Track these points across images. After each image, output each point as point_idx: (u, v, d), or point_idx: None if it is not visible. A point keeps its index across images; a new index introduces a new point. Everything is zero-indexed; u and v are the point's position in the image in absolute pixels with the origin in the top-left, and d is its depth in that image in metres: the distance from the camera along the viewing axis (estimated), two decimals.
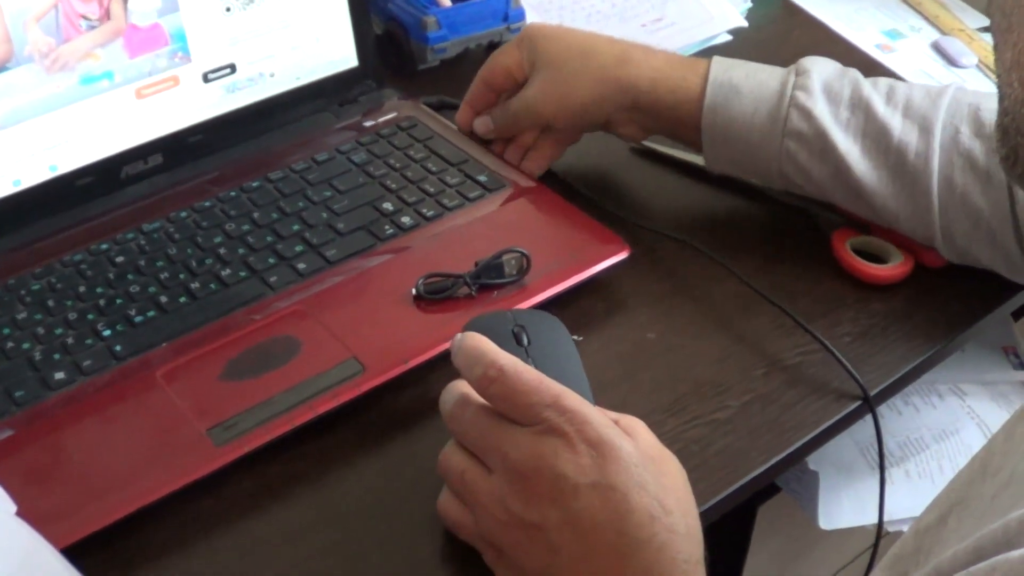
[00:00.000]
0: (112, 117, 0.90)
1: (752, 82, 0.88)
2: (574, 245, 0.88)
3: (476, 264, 0.82)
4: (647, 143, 1.01)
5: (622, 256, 0.86)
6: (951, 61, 1.18)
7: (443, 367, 0.78)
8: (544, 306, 0.82)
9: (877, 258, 0.91)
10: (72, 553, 0.68)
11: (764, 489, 0.81)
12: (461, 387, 0.67)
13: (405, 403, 0.78)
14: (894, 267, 0.90)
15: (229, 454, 0.72)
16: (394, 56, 1.11)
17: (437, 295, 0.82)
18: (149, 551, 0.70)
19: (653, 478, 0.62)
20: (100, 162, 0.90)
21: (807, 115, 0.86)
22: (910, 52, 1.20)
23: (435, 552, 0.70)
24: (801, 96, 0.86)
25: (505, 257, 0.83)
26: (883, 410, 0.72)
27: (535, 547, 0.62)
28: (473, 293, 0.82)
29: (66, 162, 0.89)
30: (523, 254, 0.83)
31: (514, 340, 0.71)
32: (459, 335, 0.67)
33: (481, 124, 0.97)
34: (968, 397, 1.06)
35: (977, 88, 1.10)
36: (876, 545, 0.87)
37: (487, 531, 0.64)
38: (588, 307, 0.85)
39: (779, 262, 0.91)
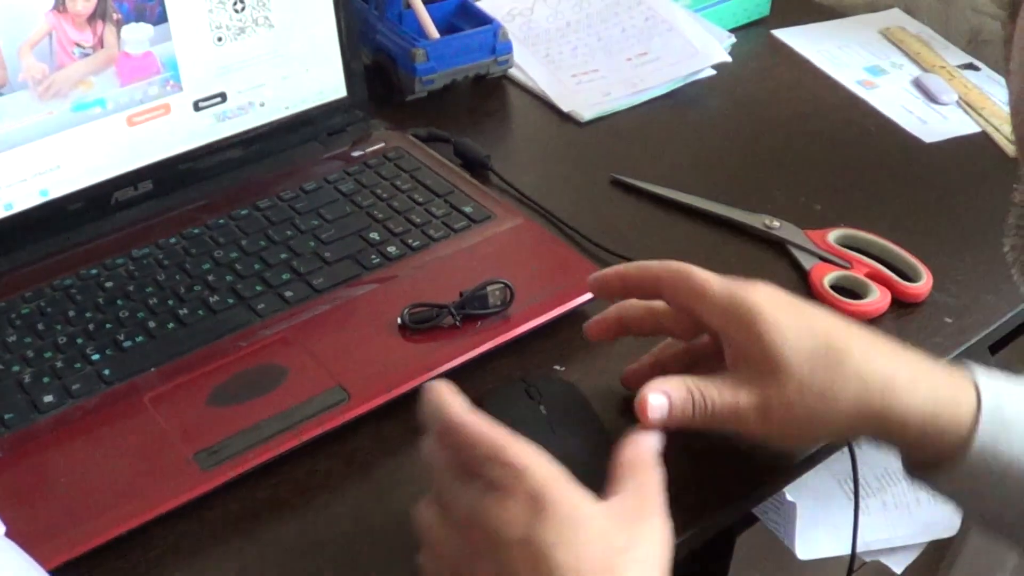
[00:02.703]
0: (104, 144, 0.91)
1: None
2: (556, 277, 0.89)
3: (461, 295, 0.84)
4: (627, 179, 1.03)
5: None
6: (932, 98, 1.20)
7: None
8: (527, 337, 0.84)
9: (855, 294, 0.92)
10: (59, 574, 0.69)
11: (742, 519, 0.81)
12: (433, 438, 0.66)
13: (390, 431, 0.79)
14: (872, 302, 0.90)
15: (216, 478, 0.73)
16: (383, 87, 1.13)
17: (422, 324, 0.83)
18: (135, 573, 0.70)
19: (596, 536, 0.59)
20: (91, 188, 0.92)
21: None
22: (891, 88, 1.22)
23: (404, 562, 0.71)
24: None
25: (489, 288, 0.84)
26: (861, 442, 0.73)
27: None
28: (457, 323, 0.83)
29: (58, 187, 0.90)
30: (507, 285, 0.84)
31: (527, 396, 0.74)
32: (427, 384, 0.66)
33: (656, 408, 0.71)
34: None
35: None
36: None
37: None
38: (569, 338, 0.86)
39: None
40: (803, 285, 0.93)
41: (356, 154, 1.01)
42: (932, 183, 1.08)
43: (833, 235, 0.97)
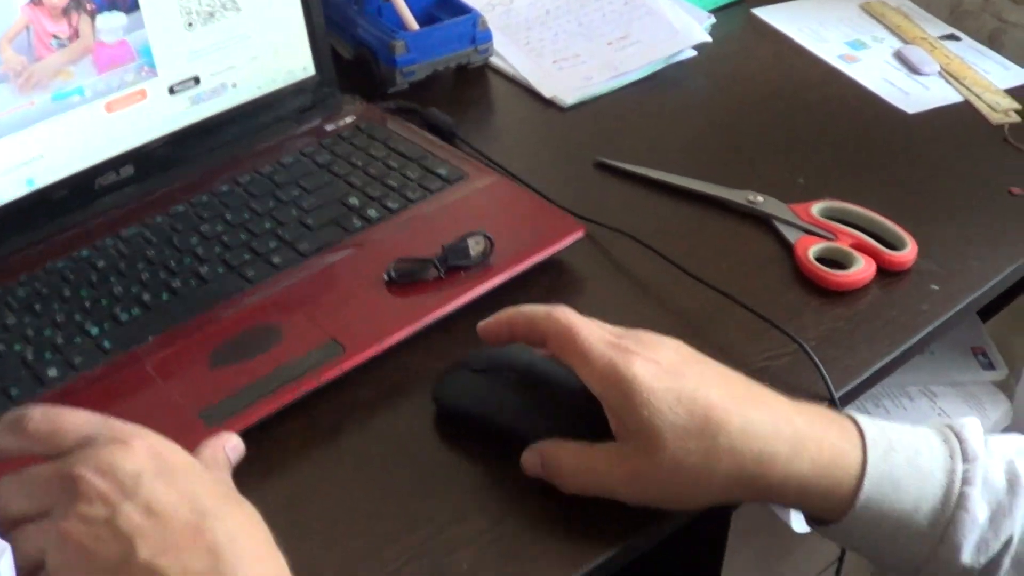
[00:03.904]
0: (84, 131, 0.94)
1: (913, 473, 0.71)
2: (533, 228, 0.93)
3: (443, 248, 0.87)
4: (611, 161, 1.04)
5: (578, 235, 0.91)
6: (913, 69, 1.20)
7: (418, 344, 0.84)
8: (508, 285, 0.87)
9: (840, 265, 0.93)
10: None
11: None
12: None
13: (383, 380, 0.82)
14: (857, 272, 0.91)
15: None
16: (365, 80, 1.14)
17: (408, 278, 0.86)
18: None
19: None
20: (75, 175, 0.94)
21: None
22: (873, 62, 1.23)
23: (418, 516, 0.74)
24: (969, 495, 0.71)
25: (470, 240, 0.87)
26: (853, 412, 0.74)
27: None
28: (442, 275, 0.87)
29: (42, 176, 0.92)
30: (486, 236, 0.88)
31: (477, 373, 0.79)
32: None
33: (531, 468, 0.75)
34: (939, 399, 1.09)
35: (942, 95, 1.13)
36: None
37: None
38: (550, 285, 0.90)
39: (742, 271, 0.93)
40: (788, 258, 0.94)
41: (329, 128, 1.04)
42: (916, 153, 1.09)
43: (817, 208, 0.98)
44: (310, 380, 0.79)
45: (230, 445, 0.69)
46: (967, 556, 0.71)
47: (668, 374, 0.70)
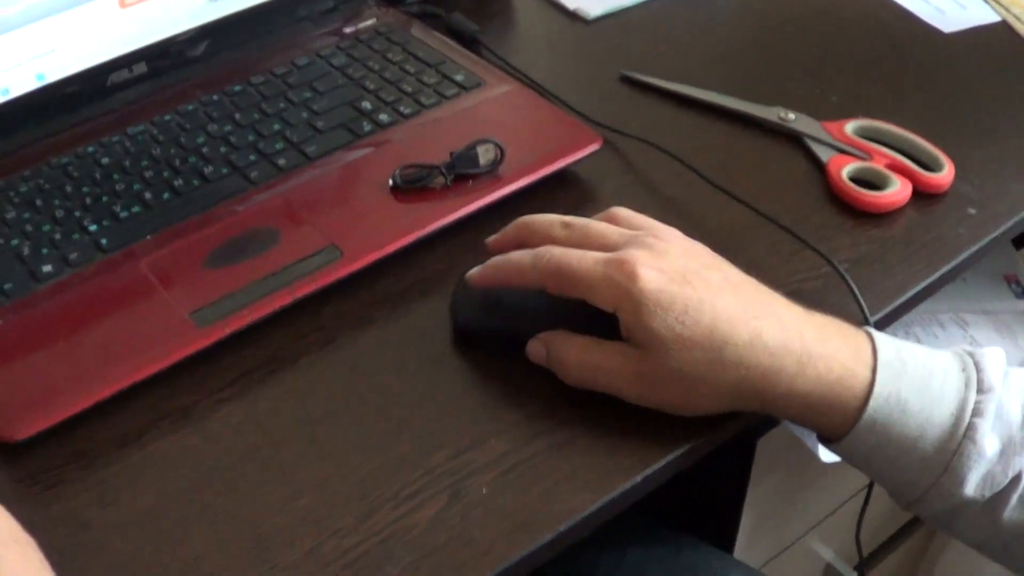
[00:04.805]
0: (97, 27, 0.92)
1: (923, 397, 0.69)
2: (547, 138, 0.90)
3: (451, 155, 0.84)
4: (637, 75, 1.01)
5: (594, 147, 0.88)
6: None
7: (419, 253, 0.82)
8: (516, 196, 0.85)
9: (874, 185, 0.89)
10: (64, 431, 0.71)
11: (764, 422, 0.78)
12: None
13: (382, 288, 0.80)
14: (892, 194, 0.88)
15: (212, 335, 0.75)
16: None
17: (413, 184, 0.84)
18: (136, 431, 0.72)
19: None
20: (86, 71, 0.92)
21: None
22: None
23: (416, 431, 0.72)
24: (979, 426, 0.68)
25: (479, 147, 0.84)
26: (871, 329, 0.71)
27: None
28: (448, 183, 0.84)
29: (53, 71, 0.91)
30: (497, 144, 0.85)
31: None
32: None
33: (535, 355, 0.75)
34: (971, 327, 1.06)
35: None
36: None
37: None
38: (560, 198, 0.87)
39: (773, 190, 0.90)
40: (820, 178, 0.91)
41: (348, 30, 1.01)
42: (952, 74, 1.05)
43: (851, 126, 0.94)
44: (306, 284, 0.77)
45: None
46: (971, 488, 0.68)
47: (675, 282, 0.68)
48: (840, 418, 0.69)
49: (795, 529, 1.12)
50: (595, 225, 0.74)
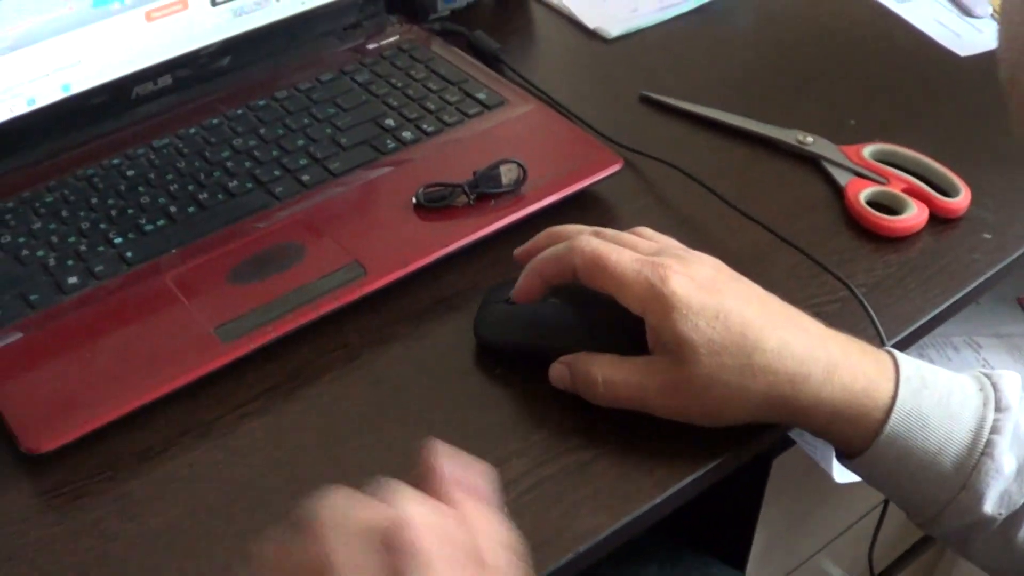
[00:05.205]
0: (123, 39, 0.92)
1: (942, 413, 0.70)
2: (569, 158, 0.90)
3: (474, 174, 0.85)
4: (656, 95, 1.01)
5: (615, 168, 0.89)
6: (965, 11, 1.16)
7: (442, 271, 0.83)
8: (538, 215, 0.85)
9: (891, 210, 0.89)
10: (89, 444, 0.72)
11: (779, 442, 0.79)
12: None
13: (405, 305, 0.81)
14: (909, 218, 0.88)
15: (236, 350, 0.75)
16: (406, 5, 1.11)
17: (436, 203, 0.85)
18: (159, 445, 0.73)
19: None
20: (112, 83, 0.93)
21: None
22: (924, 2, 1.18)
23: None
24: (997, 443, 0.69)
25: (502, 167, 0.85)
26: (891, 348, 0.72)
27: None
28: (471, 201, 0.85)
29: (79, 82, 0.92)
30: (519, 164, 0.85)
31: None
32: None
33: (559, 379, 0.75)
34: (983, 350, 1.07)
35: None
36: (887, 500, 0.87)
37: None
38: (581, 218, 0.85)
39: (790, 213, 0.90)
40: (838, 202, 0.91)
41: (371, 47, 1.02)
42: (968, 98, 1.05)
43: (868, 150, 0.94)
44: (330, 301, 0.78)
45: None
46: (989, 506, 0.69)
47: (705, 289, 0.69)
48: (863, 431, 0.69)
49: (807, 548, 1.12)
50: (626, 236, 0.75)
